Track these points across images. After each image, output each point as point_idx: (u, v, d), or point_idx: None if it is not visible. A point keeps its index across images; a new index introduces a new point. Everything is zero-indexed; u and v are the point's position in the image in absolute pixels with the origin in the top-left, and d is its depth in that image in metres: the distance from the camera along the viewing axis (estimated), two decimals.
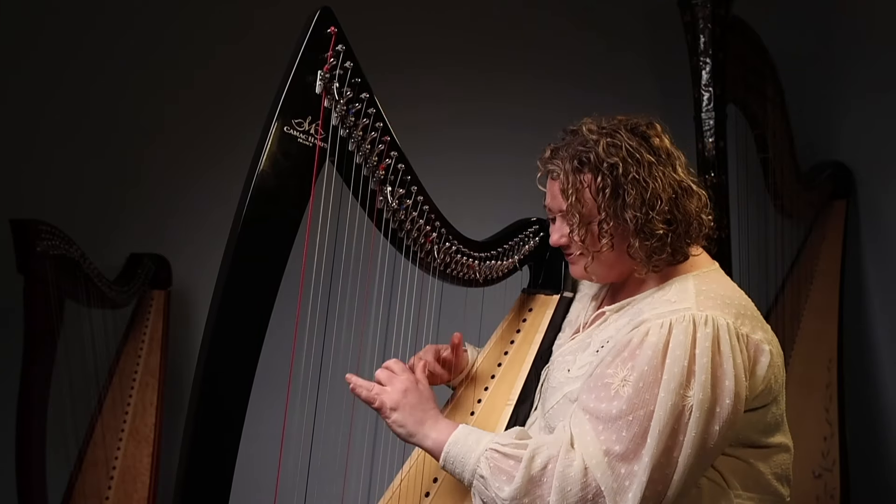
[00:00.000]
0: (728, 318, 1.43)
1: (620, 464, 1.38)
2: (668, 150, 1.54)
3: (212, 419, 1.47)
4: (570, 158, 1.53)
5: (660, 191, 1.49)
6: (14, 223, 2.59)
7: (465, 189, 2.89)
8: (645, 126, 1.55)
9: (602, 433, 1.40)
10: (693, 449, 1.38)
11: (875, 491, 2.84)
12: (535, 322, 1.87)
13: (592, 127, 1.54)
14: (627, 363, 1.42)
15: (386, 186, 1.62)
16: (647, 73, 3.18)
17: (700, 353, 1.39)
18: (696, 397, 1.37)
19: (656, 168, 1.50)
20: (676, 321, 1.42)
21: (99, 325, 2.96)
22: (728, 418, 1.40)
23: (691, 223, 1.53)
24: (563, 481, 1.38)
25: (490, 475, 1.44)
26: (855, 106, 2.94)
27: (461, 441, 1.50)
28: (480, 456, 1.46)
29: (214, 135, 3.19)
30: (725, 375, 1.40)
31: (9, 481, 2.59)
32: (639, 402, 1.38)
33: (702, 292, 1.48)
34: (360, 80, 1.54)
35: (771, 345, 1.48)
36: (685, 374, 1.38)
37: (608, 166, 1.49)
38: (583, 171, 1.52)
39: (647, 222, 1.49)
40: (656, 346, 1.40)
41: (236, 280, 1.47)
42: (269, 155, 1.48)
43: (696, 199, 1.54)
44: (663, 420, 1.37)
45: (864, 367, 2.90)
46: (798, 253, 3.03)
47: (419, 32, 3.22)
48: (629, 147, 1.50)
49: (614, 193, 1.50)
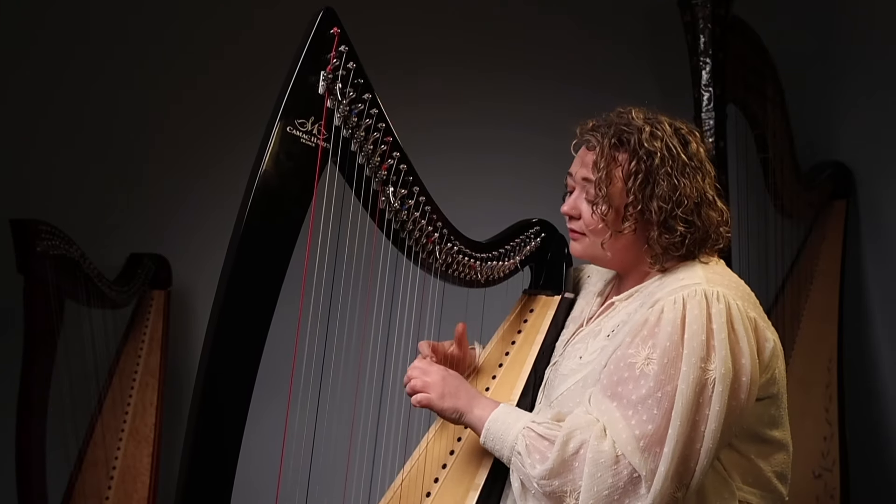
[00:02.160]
0: (737, 300, 1.46)
1: (655, 446, 1.39)
2: (701, 159, 1.57)
3: (213, 419, 1.47)
4: (611, 134, 1.56)
5: (688, 192, 1.51)
6: (14, 223, 2.59)
7: (466, 189, 2.89)
8: (686, 130, 1.58)
9: (632, 417, 1.41)
10: (717, 423, 1.39)
11: (875, 491, 2.85)
12: (537, 323, 1.87)
13: (640, 114, 1.57)
14: (648, 341, 1.44)
15: (388, 187, 1.62)
16: (647, 73, 3.19)
17: (717, 328, 1.41)
18: (719, 371, 1.39)
19: (689, 169, 1.53)
20: (689, 296, 1.44)
21: (99, 325, 2.96)
22: (746, 396, 1.42)
23: (709, 233, 1.55)
24: (594, 467, 1.40)
25: (525, 453, 1.47)
26: (855, 106, 2.94)
27: (501, 418, 1.54)
28: (518, 433, 1.49)
29: (215, 135, 3.19)
30: (742, 353, 1.42)
31: (9, 481, 2.59)
32: (665, 377, 1.40)
33: (711, 273, 1.51)
34: (363, 81, 1.54)
35: (773, 335, 1.51)
36: (705, 348, 1.40)
37: (646, 152, 1.52)
38: (620, 150, 1.55)
39: (671, 217, 1.51)
40: (674, 321, 1.42)
41: (239, 280, 1.47)
42: (272, 155, 1.48)
43: (717, 212, 1.56)
44: (686, 394, 1.38)
45: (864, 367, 2.90)
46: (798, 253, 3.03)
47: (420, 33, 3.22)
48: (670, 142, 1.53)
49: (645, 180, 1.52)
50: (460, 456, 1.72)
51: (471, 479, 1.67)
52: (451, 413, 1.60)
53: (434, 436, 1.77)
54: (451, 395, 1.60)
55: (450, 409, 1.60)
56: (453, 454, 1.73)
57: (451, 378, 1.63)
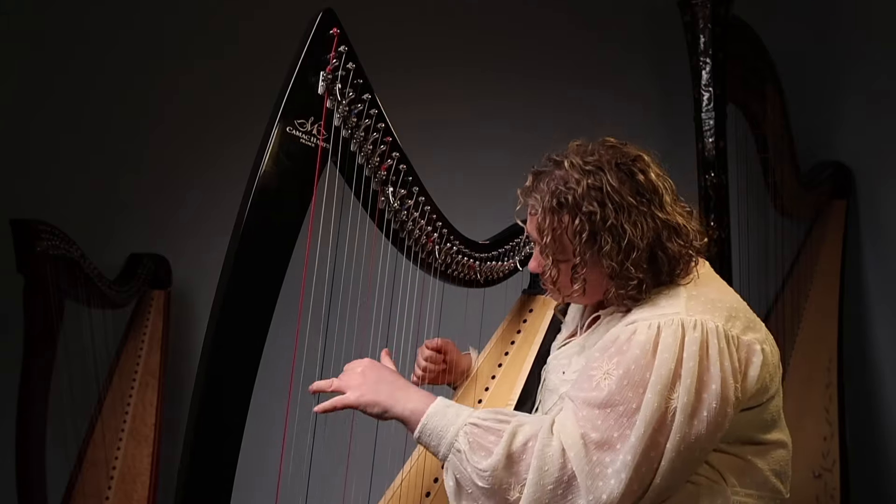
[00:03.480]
0: (718, 322, 1.43)
1: (595, 451, 1.38)
2: (653, 186, 1.49)
3: (213, 419, 1.48)
4: (549, 196, 1.50)
5: (637, 238, 1.46)
6: (14, 223, 2.58)
7: (465, 189, 2.89)
8: (631, 161, 1.50)
9: (581, 419, 1.40)
10: (675, 452, 1.38)
11: (875, 491, 2.85)
12: (536, 323, 1.87)
13: (576, 161, 1.50)
14: (613, 358, 1.42)
15: (388, 187, 1.63)
16: (647, 73, 3.18)
17: (688, 356, 1.39)
18: (681, 401, 1.37)
19: (637, 212, 1.47)
20: (665, 324, 1.42)
21: (99, 325, 2.95)
22: (713, 421, 1.39)
23: (677, 262, 1.50)
24: (541, 460, 1.39)
25: (468, 449, 1.43)
26: (855, 106, 2.94)
27: (440, 413, 1.48)
28: (460, 430, 1.45)
29: (215, 135, 3.19)
30: (712, 379, 1.39)
31: (9, 481, 2.59)
32: (620, 397, 1.38)
33: (692, 297, 1.48)
34: (363, 82, 1.55)
35: (765, 344, 1.48)
36: (671, 376, 1.38)
37: (586, 212, 1.47)
38: (561, 213, 1.49)
39: (623, 271, 1.47)
40: (644, 345, 1.40)
41: (238, 280, 1.48)
42: (272, 155, 1.48)
43: (682, 235, 1.51)
44: (647, 420, 1.37)
45: (864, 367, 2.90)
46: (798, 253, 3.03)
47: (419, 33, 3.22)
48: (610, 189, 1.46)
49: (591, 238, 1.48)
50: None
51: None
52: (371, 408, 1.51)
53: None
54: (370, 385, 1.52)
55: (370, 404, 1.51)
56: None
57: (372, 369, 1.55)
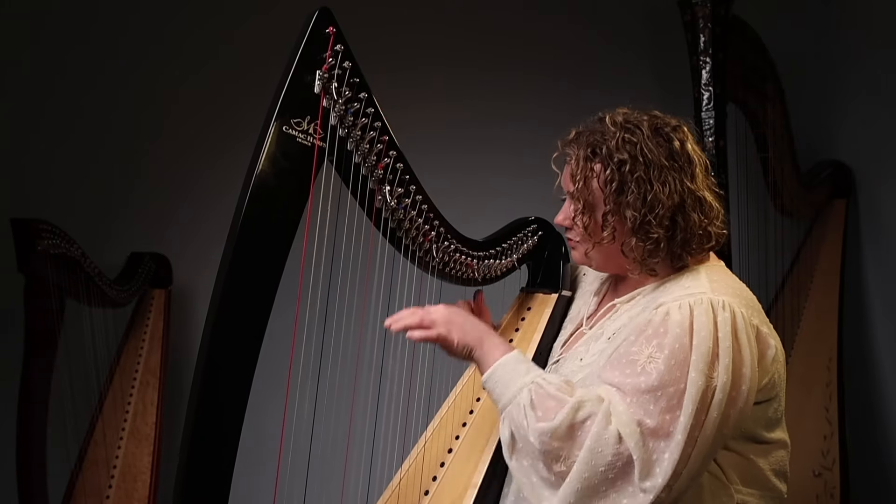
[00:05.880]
0: (741, 308, 1.46)
1: (651, 438, 1.39)
2: (688, 156, 1.54)
3: (212, 417, 1.48)
4: (585, 145, 1.56)
5: (663, 196, 1.50)
6: (15, 222, 2.59)
7: (463, 188, 2.89)
8: (671, 128, 1.56)
9: (631, 405, 1.41)
10: (712, 431, 1.40)
11: (875, 490, 2.85)
12: (534, 321, 1.87)
13: (617, 119, 1.56)
14: (652, 341, 1.44)
15: (384, 186, 1.63)
16: (647, 73, 3.19)
17: (722, 336, 1.42)
18: (721, 379, 1.40)
19: (667, 172, 1.51)
20: (695, 303, 1.45)
21: (99, 324, 2.96)
22: (743, 405, 1.43)
23: (693, 234, 1.53)
24: (596, 442, 1.40)
25: (530, 406, 1.46)
26: (855, 106, 2.94)
27: (510, 364, 1.53)
28: (525, 386, 1.48)
29: (214, 134, 3.19)
30: (744, 363, 1.43)
31: (9, 480, 2.59)
32: (670, 379, 1.40)
33: (714, 281, 1.51)
34: (359, 80, 1.55)
35: (775, 340, 1.51)
36: (710, 355, 1.41)
37: (617, 161, 1.52)
38: (594, 160, 1.55)
39: (644, 223, 1.51)
40: (682, 325, 1.43)
41: (236, 279, 1.48)
42: (268, 154, 1.48)
43: (706, 210, 1.54)
44: (693, 399, 1.39)
45: (864, 367, 2.90)
46: (798, 253, 3.03)
47: (418, 32, 3.22)
48: (644, 146, 1.52)
49: (619, 188, 1.52)
50: (458, 454, 1.73)
51: (468, 477, 1.68)
52: (460, 349, 1.58)
53: (432, 434, 1.78)
54: (459, 329, 1.59)
55: (460, 344, 1.58)
56: (451, 452, 1.74)
57: (457, 313, 1.62)
